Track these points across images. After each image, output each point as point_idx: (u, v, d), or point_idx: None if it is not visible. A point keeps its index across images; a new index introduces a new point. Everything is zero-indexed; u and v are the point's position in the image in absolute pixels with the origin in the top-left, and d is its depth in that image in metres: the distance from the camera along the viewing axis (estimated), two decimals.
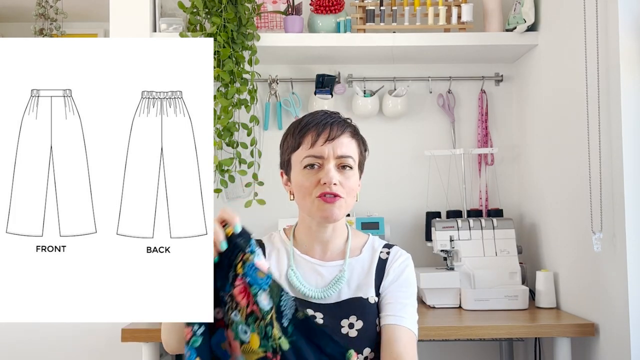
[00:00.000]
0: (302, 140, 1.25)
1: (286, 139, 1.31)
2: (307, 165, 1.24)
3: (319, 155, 1.23)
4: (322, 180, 1.22)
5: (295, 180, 1.26)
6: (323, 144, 1.23)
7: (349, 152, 1.25)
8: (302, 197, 1.25)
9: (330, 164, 1.23)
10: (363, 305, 1.23)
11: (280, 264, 1.28)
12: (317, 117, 1.27)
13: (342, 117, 1.31)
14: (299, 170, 1.25)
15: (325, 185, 1.21)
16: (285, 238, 1.34)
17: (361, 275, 1.28)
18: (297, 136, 1.26)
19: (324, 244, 1.29)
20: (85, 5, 2.35)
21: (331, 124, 1.25)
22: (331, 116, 1.28)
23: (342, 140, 1.25)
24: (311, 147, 1.24)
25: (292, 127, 1.30)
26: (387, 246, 1.34)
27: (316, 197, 1.22)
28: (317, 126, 1.25)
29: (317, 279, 1.26)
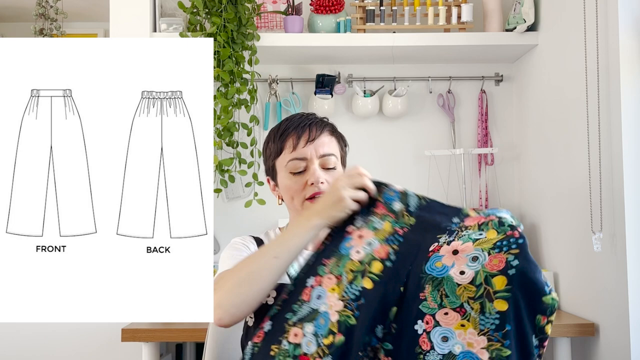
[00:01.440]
0: (283, 145, 1.28)
1: (267, 145, 1.33)
2: (292, 169, 1.27)
3: (302, 157, 1.26)
4: (309, 181, 1.25)
5: (283, 185, 1.30)
6: (305, 146, 1.26)
7: (330, 150, 1.29)
8: (291, 200, 1.29)
9: (315, 164, 1.26)
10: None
11: None
12: (295, 121, 1.30)
13: (318, 117, 1.34)
14: (285, 174, 1.29)
15: (312, 186, 1.25)
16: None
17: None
18: (278, 142, 1.29)
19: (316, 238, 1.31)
20: (85, 5, 2.35)
21: (309, 125, 1.28)
22: (308, 117, 1.31)
23: (323, 140, 1.28)
24: (293, 150, 1.27)
25: (271, 133, 1.33)
26: None
27: (305, 199, 1.26)
28: (296, 129, 1.28)
29: None
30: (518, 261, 0.89)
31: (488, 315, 0.87)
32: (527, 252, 0.90)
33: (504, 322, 0.86)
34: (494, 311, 0.87)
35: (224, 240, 2.45)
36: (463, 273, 0.91)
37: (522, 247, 0.90)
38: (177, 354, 2.36)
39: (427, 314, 0.92)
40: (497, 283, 0.88)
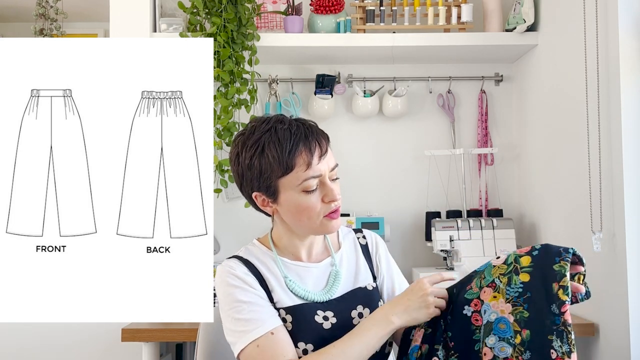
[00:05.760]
0: (293, 162, 1.14)
1: (263, 162, 1.15)
2: (307, 188, 1.15)
3: (318, 174, 1.16)
4: (326, 198, 1.17)
5: (295, 205, 1.17)
6: (319, 162, 1.15)
7: (334, 161, 1.20)
8: (306, 219, 1.18)
9: (327, 179, 1.17)
10: (365, 294, 1.26)
11: (274, 274, 1.24)
12: (298, 134, 1.15)
13: (313, 122, 1.22)
14: (296, 194, 1.16)
15: (331, 202, 1.17)
16: (265, 249, 1.27)
17: (352, 265, 1.31)
18: (284, 159, 1.13)
19: (308, 248, 1.29)
20: (85, 5, 2.35)
21: (316, 138, 1.17)
22: (308, 128, 1.18)
23: (329, 151, 1.19)
24: (308, 168, 1.14)
25: (271, 152, 1.14)
26: (356, 231, 1.38)
27: (324, 217, 1.19)
28: (304, 143, 1.15)
29: (314, 282, 1.26)
30: (540, 246, 1.10)
31: (513, 286, 1.07)
32: (548, 245, 1.10)
33: (525, 290, 1.05)
34: (519, 282, 1.07)
35: (224, 240, 2.45)
36: (499, 258, 1.13)
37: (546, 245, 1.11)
38: (177, 354, 2.36)
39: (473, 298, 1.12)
40: (523, 261, 1.08)
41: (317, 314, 1.20)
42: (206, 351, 1.39)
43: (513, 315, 1.05)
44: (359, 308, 1.23)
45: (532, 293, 1.04)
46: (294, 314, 1.18)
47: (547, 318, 1.02)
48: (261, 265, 1.24)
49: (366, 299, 1.25)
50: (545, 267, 1.05)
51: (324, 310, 1.21)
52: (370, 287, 1.28)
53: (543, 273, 1.05)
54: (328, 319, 1.20)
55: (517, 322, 1.04)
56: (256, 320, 1.14)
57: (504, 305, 1.07)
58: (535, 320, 1.03)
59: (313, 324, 1.18)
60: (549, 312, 1.02)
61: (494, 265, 1.13)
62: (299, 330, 1.17)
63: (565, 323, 1.01)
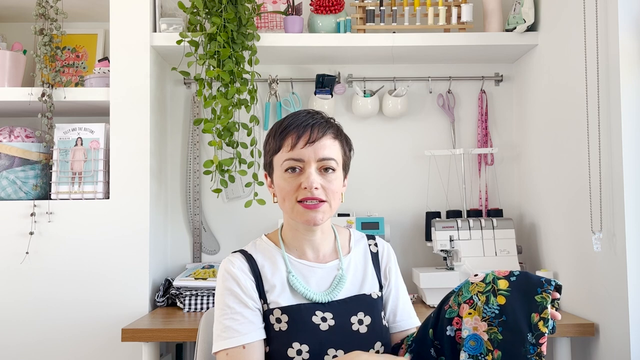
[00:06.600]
0: (282, 142, 1.21)
1: (268, 140, 1.27)
2: (288, 168, 1.20)
3: (299, 158, 1.20)
4: (302, 184, 1.19)
5: (277, 183, 1.23)
6: (303, 147, 1.19)
7: (331, 155, 1.21)
8: (282, 201, 1.23)
9: (312, 168, 1.19)
10: (367, 301, 1.25)
11: (278, 271, 1.25)
12: (299, 119, 1.23)
13: (325, 116, 1.27)
14: (280, 173, 1.22)
15: (306, 189, 1.19)
16: (273, 245, 1.30)
17: (359, 271, 1.30)
18: (277, 138, 1.23)
19: (315, 247, 1.29)
20: (85, 5, 2.34)
21: (312, 125, 1.21)
22: (313, 117, 1.24)
23: (324, 142, 1.21)
24: (291, 149, 1.20)
25: (274, 128, 1.26)
26: (369, 237, 1.38)
27: (297, 202, 1.20)
28: (297, 128, 1.21)
29: (318, 282, 1.26)
30: (519, 272, 1.12)
31: (491, 306, 1.08)
32: (527, 273, 1.12)
33: (501, 313, 1.07)
34: (496, 304, 1.08)
35: (224, 240, 2.45)
36: (477, 275, 1.15)
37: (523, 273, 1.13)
38: (177, 354, 2.36)
39: (454, 317, 1.14)
40: (501, 284, 1.10)
41: (315, 314, 1.19)
42: (206, 351, 1.39)
43: (487, 334, 1.06)
44: (360, 315, 1.22)
45: (507, 317, 1.06)
46: (290, 314, 1.18)
47: (523, 345, 1.03)
48: (265, 261, 1.26)
49: (369, 307, 1.25)
50: (526, 295, 1.07)
51: (323, 311, 1.21)
52: (375, 296, 1.27)
53: (521, 300, 1.06)
54: (326, 320, 1.20)
55: (491, 341, 1.06)
56: (234, 331, 1.17)
57: (479, 322, 1.08)
58: (508, 344, 1.04)
59: (309, 325, 1.18)
60: (525, 339, 1.03)
61: (472, 282, 1.13)
62: (295, 330, 1.17)
63: (540, 354, 1.02)
